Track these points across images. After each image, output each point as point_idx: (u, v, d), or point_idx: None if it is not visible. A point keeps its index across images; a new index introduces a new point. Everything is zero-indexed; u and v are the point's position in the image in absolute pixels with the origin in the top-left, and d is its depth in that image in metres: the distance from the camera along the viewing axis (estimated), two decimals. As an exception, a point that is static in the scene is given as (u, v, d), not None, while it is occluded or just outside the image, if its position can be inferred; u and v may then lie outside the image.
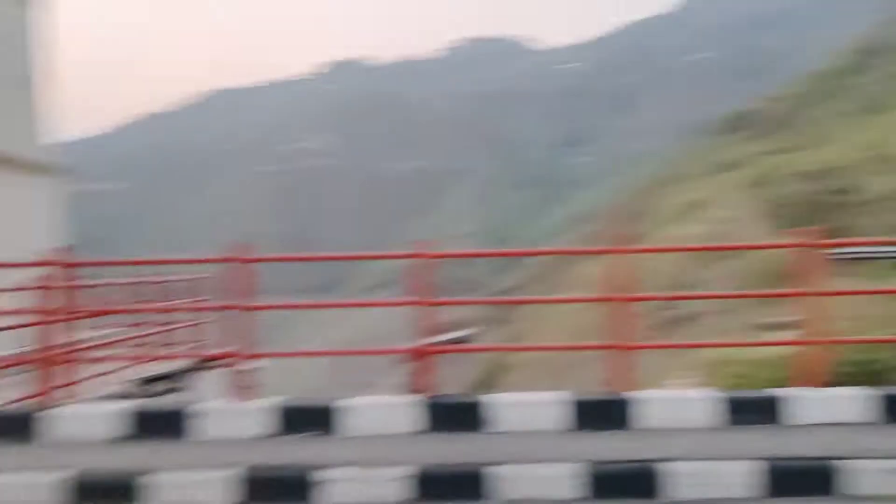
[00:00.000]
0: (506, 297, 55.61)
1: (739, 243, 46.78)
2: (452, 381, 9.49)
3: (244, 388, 6.68)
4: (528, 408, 5.59)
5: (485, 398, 5.99)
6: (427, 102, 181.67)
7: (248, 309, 6.78)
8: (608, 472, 4.39)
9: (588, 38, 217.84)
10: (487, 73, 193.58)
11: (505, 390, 8.06)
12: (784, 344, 7.99)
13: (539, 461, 4.67)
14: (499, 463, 4.78)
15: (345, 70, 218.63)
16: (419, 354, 6.61)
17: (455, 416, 5.88)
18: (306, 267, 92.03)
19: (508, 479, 4.61)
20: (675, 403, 5.14)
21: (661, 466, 4.28)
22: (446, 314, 7.43)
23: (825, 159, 56.82)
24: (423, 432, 5.88)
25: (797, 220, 43.62)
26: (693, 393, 5.37)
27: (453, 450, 5.22)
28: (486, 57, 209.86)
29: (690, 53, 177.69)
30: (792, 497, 4.21)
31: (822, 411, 4.94)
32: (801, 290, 5.19)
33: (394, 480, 4.87)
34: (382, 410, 6.13)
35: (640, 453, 4.51)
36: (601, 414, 5.13)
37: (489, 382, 36.77)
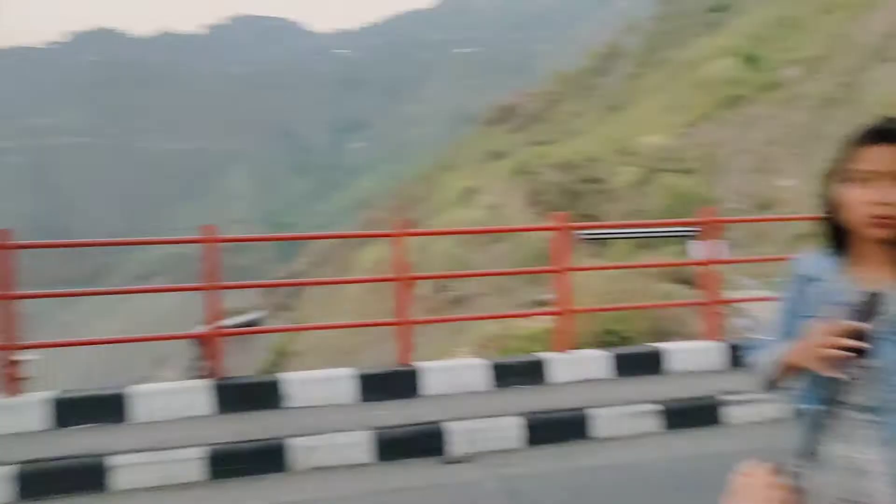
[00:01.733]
0: (290, 281, 54.45)
1: (507, 227, 50.28)
2: (240, 367, 9.49)
3: (14, 382, 6.24)
4: (320, 383, 5.89)
5: (277, 377, 6.19)
6: (195, 79, 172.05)
7: (9, 298, 6.30)
8: (396, 435, 4.83)
9: (360, 25, 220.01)
10: (259, 53, 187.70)
11: (295, 370, 8.27)
12: (544, 315, 9.04)
13: (335, 431, 5.01)
14: (296, 435, 5.04)
15: (100, 39, 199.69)
16: (207, 339, 6.61)
17: (248, 396, 6.02)
18: (64, 255, 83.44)
19: (306, 449, 4.88)
20: (454, 371, 5.73)
21: (442, 427, 4.81)
22: (229, 301, 7.46)
23: (576, 151, 62.88)
24: (217, 414, 5.95)
25: (555, 207, 47.95)
26: (469, 361, 6.01)
27: (249, 427, 5.38)
28: (256, 36, 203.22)
29: (460, 46, 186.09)
30: (551, 444, 4.96)
31: (574, 371, 5.81)
32: (557, 268, 5.97)
33: (189, 461, 4.93)
34: (172, 395, 6.09)
35: (425, 417, 5.01)
36: (389, 385, 5.57)
37: (276, 368, 36.21)
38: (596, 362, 5.89)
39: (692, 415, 5.15)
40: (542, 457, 4.76)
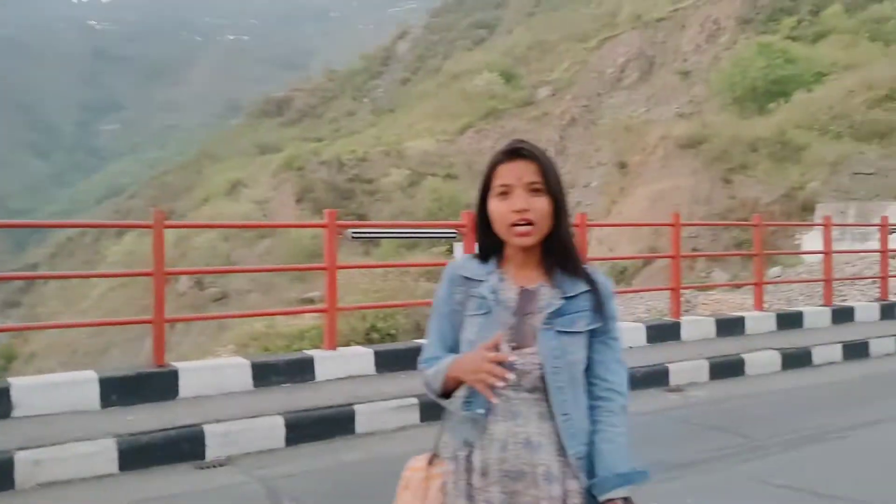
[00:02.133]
0: (22, 274, 48.49)
1: (274, 223, 49.14)
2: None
3: None
4: (56, 389, 5.27)
5: (2, 383, 5.45)
6: None
7: None
8: (146, 441, 4.48)
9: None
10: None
11: (28, 375, 7.35)
12: (311, 312, 8.97)
13: (73, 440, 4.52)
14: (22, 448, 4.46)
15: None
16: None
17: (-35, 405, 5.22)
18: None
19: (32, 462, 4.33)
20: (215, 371, 5.45)
21: (198, 430, 4.54)
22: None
23: (347, 151, 63.42)
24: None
25: (324, 204, 47.85)
26: (231, 361, 5.74)
27: (-35, 442, 4.67)
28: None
29: (230, 32, 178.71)
30: (314, 442, 4.92)
31: (339, 368, 5.81)
32: (325, 265, 5.89)
33: None
34: None
35: (180, 420, 4.70)
36: (141, 388, 5.14)
37: (2, 373, 32.18)
38: (361, 359, 5.95)
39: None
40: (303, 455, 4.70)
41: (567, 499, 1.60)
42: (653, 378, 6.33)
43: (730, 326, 7.83)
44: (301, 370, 5.67)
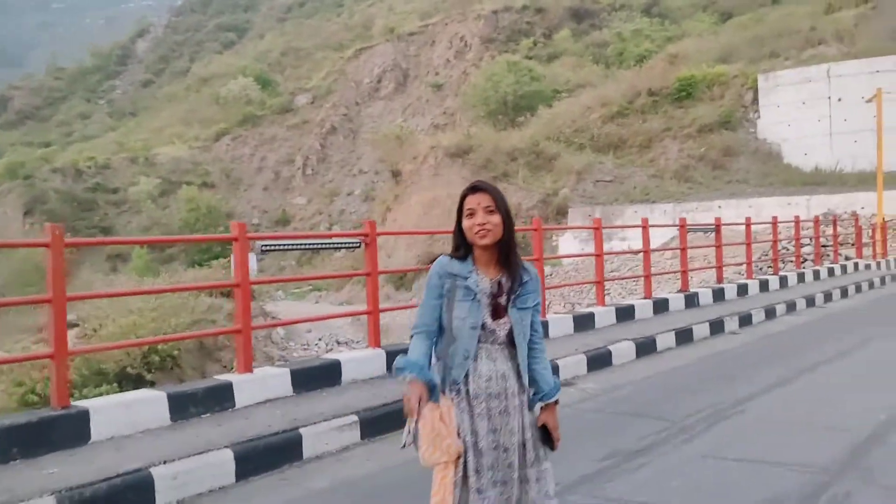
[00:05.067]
0: None
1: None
2: None
3: None
4: None
5: None
6: None
7: None
8: (88, 496, 3.76)
9: None
10: None
11: None
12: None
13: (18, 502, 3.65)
14: None
15: None
16: None
17: None
18: None
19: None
20: (126, 409, 4.67)
21: (145, 474, 3.90)
22: None
23: (85, 157, 57.37)
24: None
25: (59, 217, 42.75)
26: (141, 395, 4.94)
27: None
28: None
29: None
30: (266, 472, 4.47)
31: (258, 392, 5.22)
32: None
33: None
34: None
35: (118, 466, 4.00)
36: (44, 435, 4.27)
37: None
38: (277, 380, 5.50)
39: (384, 421, 5.24)
40: (262, 489, 4.27)
41: (522, 406, 2.57)
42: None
43: (584, 322, 8.49)
44: (220, 398, 5.11)
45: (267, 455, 4.56)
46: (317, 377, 5.78)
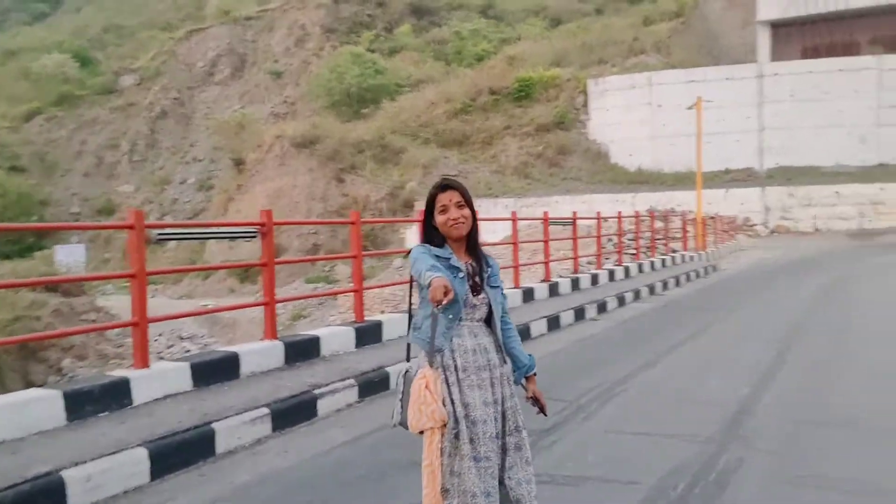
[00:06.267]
0: None
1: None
2: None
3: None
4: None
5: None
6: None
7: None
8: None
9: None
10: None
11: None
12: None
13: None
14: None
15: None
16: None
17: None
18: None
19: None
20: (16, 409, 4.23)
21: (56, 478, 3.56)
22: None
23: None
24: None
25: None
26: (33, 393, 4.46)
27: None
28: None
29: None
30: (182, 470, 4.24)
31: (158, 387, 4.90)
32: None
33: None
34: None
35: (27, 470, 3.63)
36: None
37: None
38: (176, 374, 5.20)
39: (294, 413, 5.15)
40: (181, 487, 4.05)
41: (503, 377, 2.79)
42: (439, 361, 6.85)
43: None
44: (118, 395, 4.75)
45: (181, 452, 4.37)
46: (216, 370, 5.57)
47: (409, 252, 2.85)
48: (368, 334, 7.18)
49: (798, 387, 6.14)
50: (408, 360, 2.83)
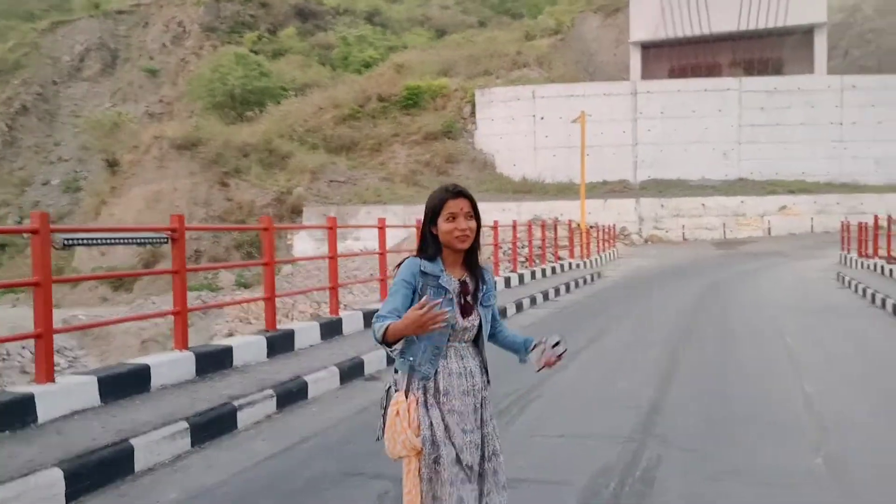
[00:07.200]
0: None
1: None
2: None
3: None
4: None
5: None
6: None
7: None
8: None
9: None
10: None
11: None
12: None
13: None
14: None
15: None
16: None
17: None
18: None
19: None
20: None
21: None
22: None
23: None
24: None
25: None
26: None
27: None
28: None
29: None
30: (98, 491, 3.95)
31: (63, 404, 4.57)
32: None
33: None
34: None
35: None
36: None
37: None
38: (83, 390, 4.84)
39: (214, 426, 4.93)
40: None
41: (485, 401, 2.68)
42: (355, 370, 6.73)
43: (332, 328, 8.14)
44: (20, 413, 4.35)
45: (98, 472, 4.11)
46: (125, 384, 5.27)
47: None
48: (280, 343, 7.01)
49: (698, 386, 6.53)
50: (395, 371, 2.68)
